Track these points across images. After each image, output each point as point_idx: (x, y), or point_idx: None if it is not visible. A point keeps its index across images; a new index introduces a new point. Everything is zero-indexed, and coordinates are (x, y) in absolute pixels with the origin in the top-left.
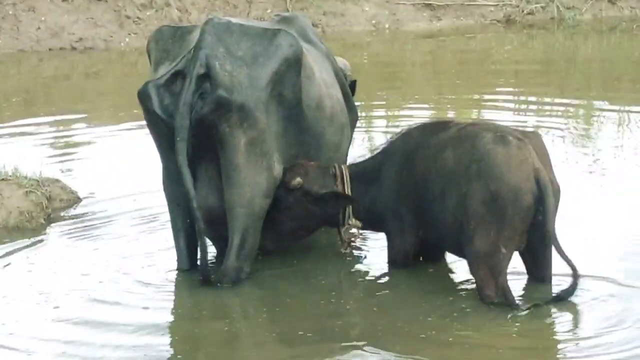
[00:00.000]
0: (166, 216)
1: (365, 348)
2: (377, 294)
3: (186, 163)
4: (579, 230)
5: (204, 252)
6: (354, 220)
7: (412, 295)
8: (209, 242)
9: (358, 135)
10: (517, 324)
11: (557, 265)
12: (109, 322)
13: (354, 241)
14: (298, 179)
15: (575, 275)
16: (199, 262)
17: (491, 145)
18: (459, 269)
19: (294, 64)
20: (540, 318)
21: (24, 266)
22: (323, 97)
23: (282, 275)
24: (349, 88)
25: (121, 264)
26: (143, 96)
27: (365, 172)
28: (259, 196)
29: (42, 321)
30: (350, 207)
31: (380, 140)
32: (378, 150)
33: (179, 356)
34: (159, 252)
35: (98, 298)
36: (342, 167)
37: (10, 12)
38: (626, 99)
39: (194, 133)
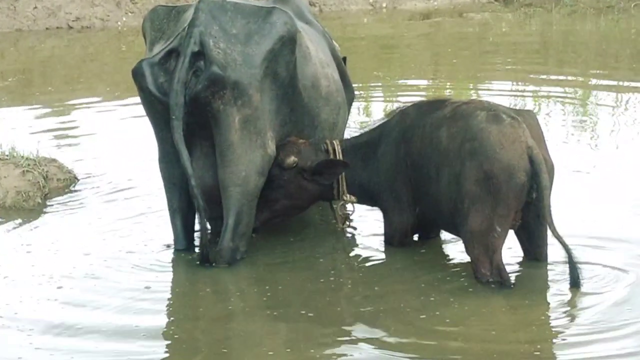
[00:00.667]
0: (163, 195)
1: (368, 328)
2: (376, 273)
3: (183, 141)
4: (577, 211)
5: (204, 231)
6: (348, 195)
7: (411, 275)
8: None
9: (355, 114)
10: (513, 302)
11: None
12: (110, 303)
13: (349, 217)
14: (293, 158)
15: (570, 258)
16: (197, 241)
17: (484, 124)
18: (456, 248)
19: (289, 42)
20: (536, 295)
21: (23, 246)
22: (319, 76)
23: (279, 255)
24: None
25: (119, 244)
26: (137, 74)
27: (361, 147)
28: (253, 174)
29: (45, 301)
30: (344, 182)
31: (377, 118)
32: (374, 127)
33: (178, 335)
34: (157, 231)
35: (99, 278)
36: (335, 142)
37: None
38: (623, 78)
39: (188, 111)
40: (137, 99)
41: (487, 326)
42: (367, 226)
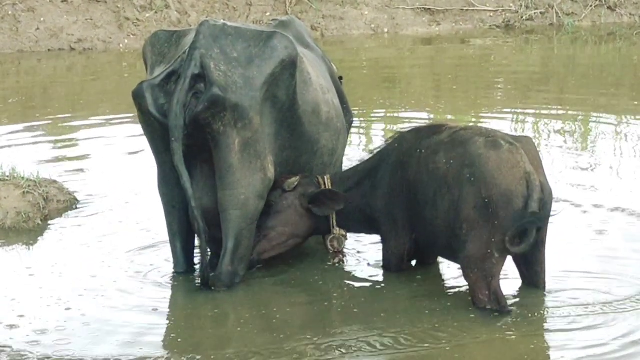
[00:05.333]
0: (163, 217)
1: (373, 353)
2: (379, 298)
3: (183, 162)
4: (573, 237)
5: (204, 253)
6: (338, 229)
7: (412, 300)
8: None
9: (356, 139)
10: (511, 328)
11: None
12: (116, 324)
13: (341, 250)
14: (295, 178)
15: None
16: (197, 264)
17: (483, 150)
18: (453, 273)
19: (289, 66)
20: (535, 323)
21: (25, 269)
22: (319, 102)
23: (278, 278)
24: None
25: (121, 266)
26: (137, 96)
27: (357, 175)
28: (253, 198)
29: (54, 322)
30: (334, 216)
31: (378, 143)
32: (372, 154)
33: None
34: (157, 253)
35: (105, 299)
36: (325, 177)
37: (10, 13)
38: (624, 105)
39: (188, 133)
40: (138, 121)
41: (486, 354)
42: (366, 252)
